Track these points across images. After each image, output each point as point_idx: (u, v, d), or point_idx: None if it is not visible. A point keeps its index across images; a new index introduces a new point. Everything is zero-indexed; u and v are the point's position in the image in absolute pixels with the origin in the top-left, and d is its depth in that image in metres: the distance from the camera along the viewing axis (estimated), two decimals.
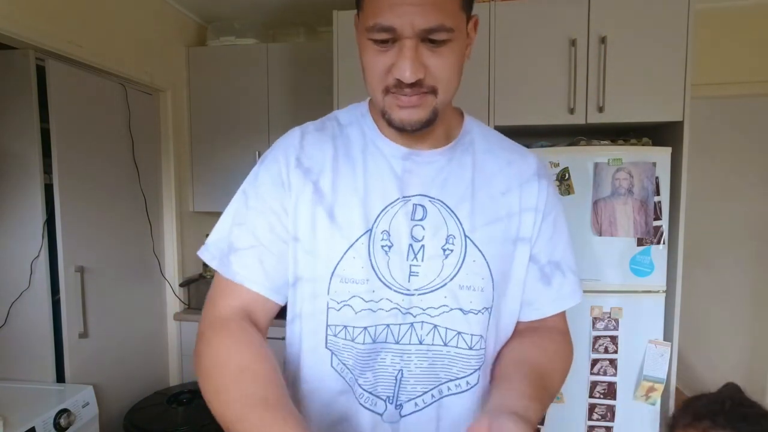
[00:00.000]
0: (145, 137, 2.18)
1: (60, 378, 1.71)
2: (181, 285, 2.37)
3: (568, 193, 1.80)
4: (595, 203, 1.78)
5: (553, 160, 1.81)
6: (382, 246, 0.64)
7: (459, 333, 0.65)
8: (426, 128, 0.62)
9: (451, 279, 0.65)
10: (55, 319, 1.70)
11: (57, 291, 1.71)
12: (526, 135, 2.12)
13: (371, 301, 0.64)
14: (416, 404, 0.65)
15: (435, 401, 0.66)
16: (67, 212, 1.72)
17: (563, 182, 1.80)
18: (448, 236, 0.65)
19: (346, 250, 0.64)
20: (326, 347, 0.67)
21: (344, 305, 0.64)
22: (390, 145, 0.68)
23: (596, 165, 1.78)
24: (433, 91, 0.59)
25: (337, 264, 0.64)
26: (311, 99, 2.31)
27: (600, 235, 1.79)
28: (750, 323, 2.61)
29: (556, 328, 0.77)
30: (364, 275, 0.63)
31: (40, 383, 1.66)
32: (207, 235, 0.72)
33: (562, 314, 0.79)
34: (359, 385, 0.65)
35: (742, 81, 2.29)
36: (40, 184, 1.63)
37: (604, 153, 1.78)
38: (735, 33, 2.28)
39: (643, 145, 1.86)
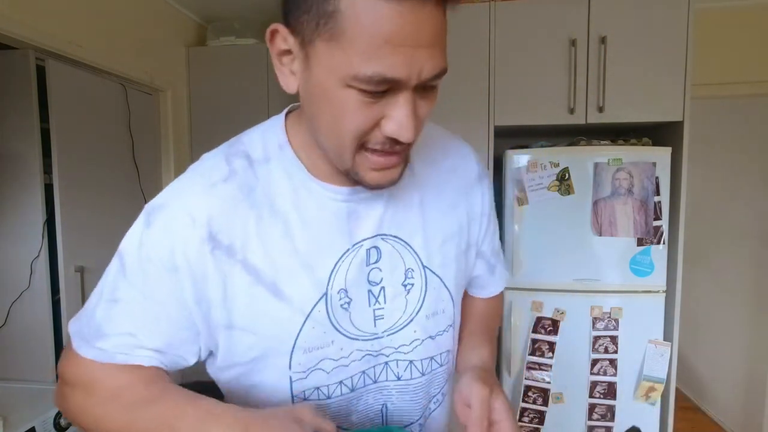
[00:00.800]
0: (145, 137, 2.17)
1: None
2: None
3: (568, 193, 1.80)
4: (595, 203, 1.78)
5: (553, 160, 1.81)
6: (341, 305, 0.57)
7: (432, 358, 0.65)
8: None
9: (417, 312, 0.61)
10: (55, 319, 1.70)
11: (57, 291, 1.71)
12: (526, 135, 2.12)
13: (342, 357, 0.58)
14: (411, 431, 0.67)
15: (423, 422, 0.68)
16: (67, 212, 1.72)
17: (563, 182, 1.80)
18: (406, 270, 0.60)
19: (303, 323, 0.55)
20: None
21: (313, 370, 0.57)
22: (327, 188, 0.55)
23: (596, 165, 1.78)
24: (412, 143, 0.48)
25: (296, 339, 0.55)
26: None
27: (600, 235, 1.79)
28: (750, 323, 2.61)
29: (500, 294, 0.83)
30: (328, 339, 0.57)
31: (40, 383, 1.66)
32: None
33: None
34: (345, 429, 0.62)
35: (742, 81, 2.29)
36: (40, 184, 1.63)
37: (604, 153, 1.78)
38: (735, 33, 2.28)
39: (643, 145, 1.86)
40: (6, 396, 1.55)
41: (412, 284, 0.60)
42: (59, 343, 1.71)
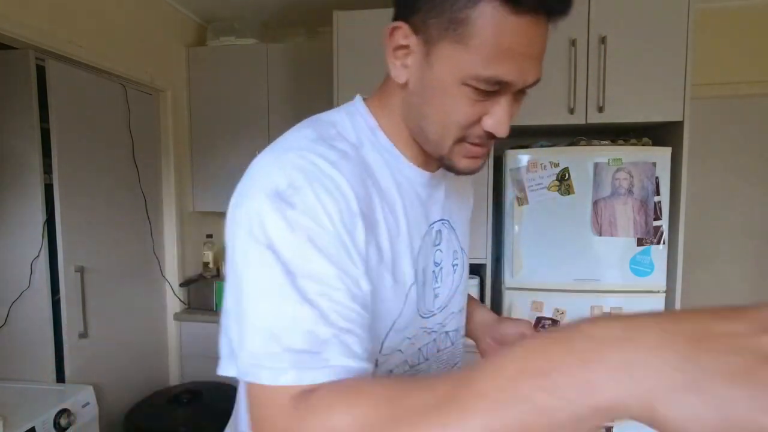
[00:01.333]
0: (145, 137, 2.18)
1: (60, 378, 1.71)
2: (181, 285, 2.37)
3: (568, 193, 1.80)
4: (595, 203, 1.78)
5: (553, 160, 1.80)
6: (422, 284, 0.60)
7: (457, 329, 0.71)
8: None
9: (457, 289, 0.69)
10: (55, 319, 1.70)
11: (57, 291, 1.71)
12: (526, 135, 2.12)
13: (414, 336, 0.61)
14: None
15: None
16: (67, 212, 1.72)
17: (563, 182, 1.80)
18: (454, 252, 0.68)
19: (403, 305, 0.57)
20: None
21: (395, 351, 0.59)
22: (415, 171, 0.59)
23: (596, 165, 1.78)
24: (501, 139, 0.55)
25: (396, 319, 0.57)
26: (311, 99, 2.31)
27: (600, 235, 1.79)
28: None
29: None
30: (412, 318, 0.60)
31: (40, 383, 1.66)
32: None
33: None
34: None
35: (742, 81, 2.29)
36: (40, 184, 1.63)
37: (604, 153, 1.78)
38: (735, 33, 2.28)
39: (643, 145, 1.86)
40: (6, 396, 1.55)
41: (457, 264, 0.68)
42: (59, 343, 1.71)
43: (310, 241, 0.45)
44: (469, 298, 0.79)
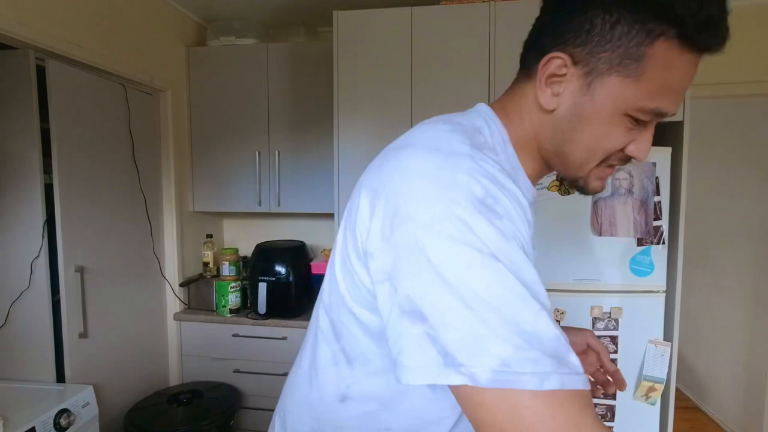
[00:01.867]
0: (145, 137, 2.18)
1: (60, 378, 1.71)
2: (181, 285, 2.37)
3: (568, 193, 1.80)
4: (595, 203, 1.78)
5: None
6: None
7: None
8: None
9: None
10: (55, 319, 1.70)
11: (57, 291, 1.71)
12: None
13: None
14: None
15: None
16: (67, 212, 1.72)
17: (563, 182, 1.80)
18: None
19: None
20: None
21: None
22: (530, 188, 0.62)
23: None
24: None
25: None
26: (311, 99, 2.31)
27: (600, 235, 1.79)
28: (750, 323, 2.61)
29: None
30: None
31: (40, 383, 1.66)
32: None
33: None
34: None
35: (742, 81, 2.29)
36: (40, 184, 1.63)
37: None
38: (735, 33, 2.27)
39: None
40: (6, 396, 1.55)
41: None
42: (59, 343, 1.71)
43: (522, 249, 0.46)
44: None
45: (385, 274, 0.48)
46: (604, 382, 0.84)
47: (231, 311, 2.24)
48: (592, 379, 0.87)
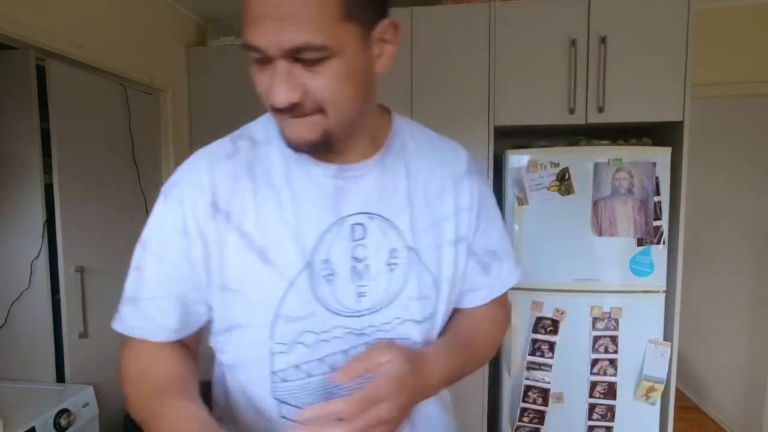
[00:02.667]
0: (145, 137, 2.17)
1: (60, 378, 1.71)
2: None
3: (568, 193, 1.80)
4: (595, 203, 1.78)
5: (553, 160, 1.81)
6: (324, 276, 0.60)
7: (410, 340, 0.65)
8: (324, 150, 0.57)
9: (400, 292, 0.63)
10: (55, 319, 1.70)
11: (57, 291, 1.71)
12: (526, 135, 2.12)
13: (323, 332, 0.60)
14: None
15: (410, 414, 0.63)
16: (67, 212, 1.72)
17: (563, 182, 1.80)
18: (391, 250, 0.62)
19: (286, 290, 0.59)
20: (273, 398, 0.63)
21: (295, 344, 0.60)
22: (316, 165, 0.61)
23: (596, 165, 1.78)
24: (320, 111, 0.53)
25: (280, 305, 0.59)
26: None
27: (600, 235, 1.79)
28: (750, 323, 2.61)
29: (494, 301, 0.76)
30: (310, 310, 0.59)
31: (40, 383, 1.66)
32: None
33: (504, 295, 0.78)
34: None
35: (742, 81, 2.29)
36: (40, 184, 1.63)
37: (604, 153, 1.78)
38: (735, 33, 2.28)
39: (643, 145, 1.86)
40: (6, 396, 1.55)
41: (396, 264, 0.63)
42: (59, 343, 1.71)
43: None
44: (449, 349, 0.66)
45: None
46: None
47: None
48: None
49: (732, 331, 2.68)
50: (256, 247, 0.59)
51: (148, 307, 0.61)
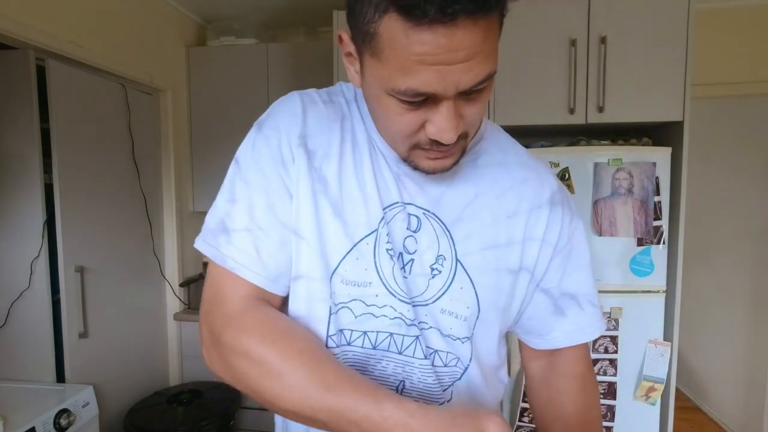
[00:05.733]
0: (145, 137, 2.18)
1: (60, 378, 1.71)
2: (181, 285, 2.37)
3: None
4: (595, 203, 1.78)
5: (553, 160, 1.80)
6: (387, 250, 0.57)
7: (436, 351, 0.60)
8: None
9: (434, 301, 0.59)
10: (55, 319, 1.70)
11: (57, 291, 1.71)
12: (526, 135, 2.12)
13: (374, 305, 0.58)
14: None
15: None
16: (67, 212, 1.72)
17: (563, 182, 1.80)
18: (438, 255, 0.59)
19: (350, 250, 0.57)
20: None
21: (342, 308, 0.58)
22: (386, 147, 0.59)
23: (596, 165, 1.78)
24: (465, 137, 0.53)
25: (339, 264, 0.57)
26: None
27: (600, 235, 1.79)
28: (750, 323, 2.61)
29: (581, 373, 0.70)
30: (367, 278, 0.57)
31: (40, 383, 1.66)
32: None
33: (584, 350, 0.70)
34: None
35: (742, 81, 2.29)
36: (40, 184, 1.63)
37: (604, 153, 1.78)
38: (735, 33, 2.28)
39: (643, 145, 1.86)
40: (6, 396, 1.55)
41: (439, 271, 0.59)
42: (59, 343, 1.71)
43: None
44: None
45: None
46: None
47: None
48: None
49: (732, 331, 2.68)
50: (330, 195, 0.57)
51: (244, 240, 0.56)
